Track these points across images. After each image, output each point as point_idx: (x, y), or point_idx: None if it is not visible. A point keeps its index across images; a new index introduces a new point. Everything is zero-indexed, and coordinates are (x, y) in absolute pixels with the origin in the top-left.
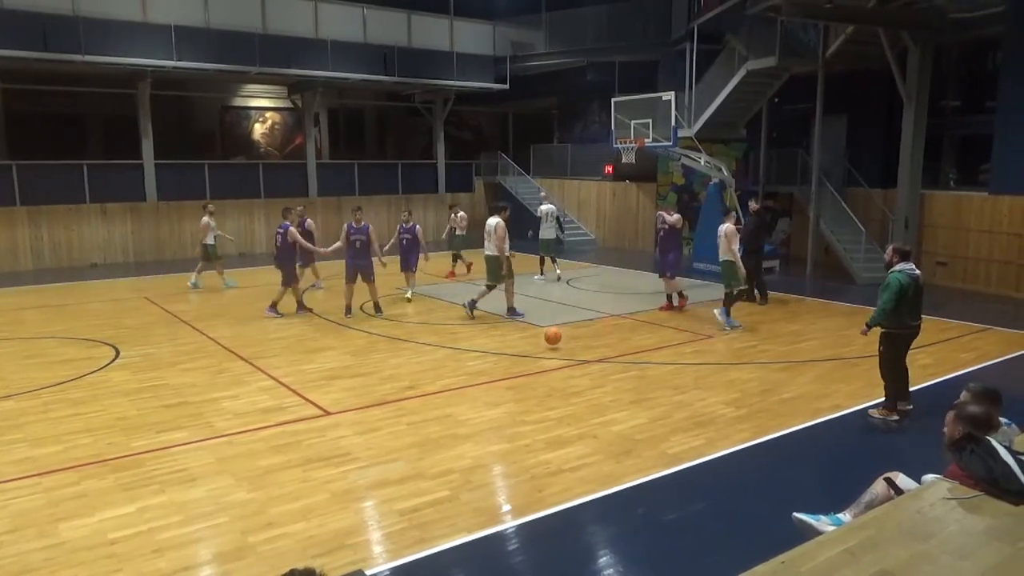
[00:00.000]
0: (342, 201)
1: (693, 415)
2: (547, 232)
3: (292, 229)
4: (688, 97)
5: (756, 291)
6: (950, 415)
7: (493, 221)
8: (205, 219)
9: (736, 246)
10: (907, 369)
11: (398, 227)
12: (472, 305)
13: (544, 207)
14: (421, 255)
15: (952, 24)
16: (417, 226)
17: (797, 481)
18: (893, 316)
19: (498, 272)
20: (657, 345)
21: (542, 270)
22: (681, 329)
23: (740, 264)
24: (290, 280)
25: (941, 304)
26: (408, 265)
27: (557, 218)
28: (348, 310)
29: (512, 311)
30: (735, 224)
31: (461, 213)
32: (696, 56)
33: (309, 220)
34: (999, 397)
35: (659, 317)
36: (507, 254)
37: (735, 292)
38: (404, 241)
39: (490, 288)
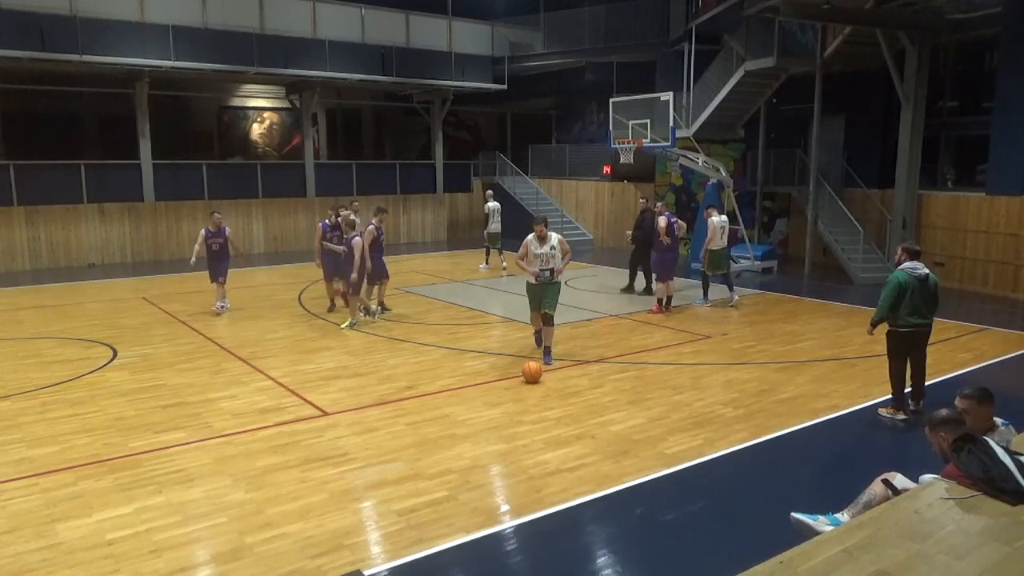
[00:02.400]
0: (340, 201)
1: (691, 415)
2: (493, 227)
3: (371, 227)
4: (686, 98)
5: (646, 282)
6: (926, 432)
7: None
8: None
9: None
10: (920, 371)
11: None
12: (546, 352)
13: (490, 204)
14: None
15: (949, 25)
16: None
17: (795, 481)
18: (894, 314)
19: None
20: (655, 345)
21: (487, 260)
22: (679, 329)
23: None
24: (375, 277)
25: (939, 305)
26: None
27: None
28: (368, 310)
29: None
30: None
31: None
32: (694, 57)
33: (228, 228)
34: (991, 397)
35: (656, 317)
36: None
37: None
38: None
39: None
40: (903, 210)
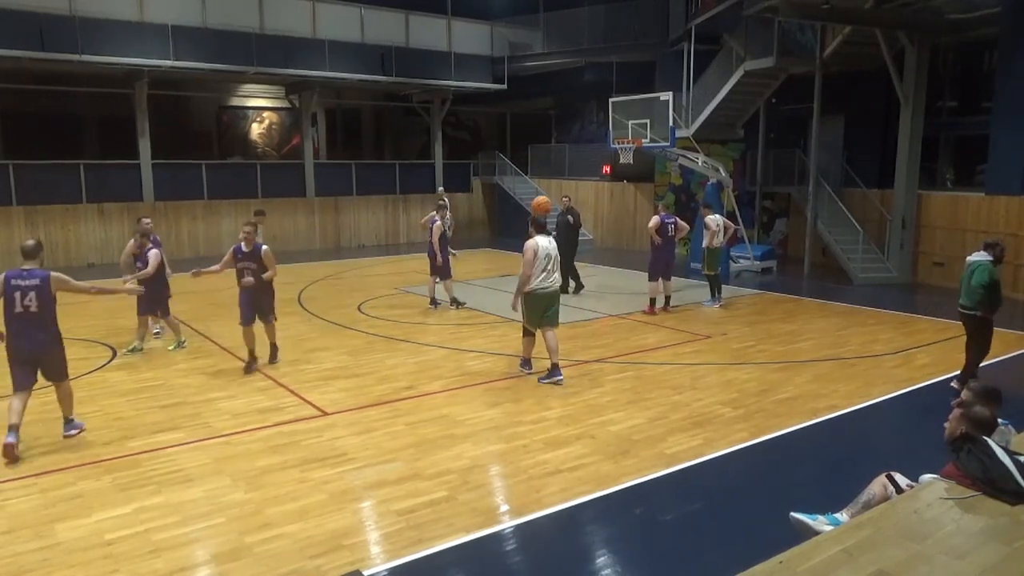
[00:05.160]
0: (339, 201)
1: (691, 415)
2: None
3: (438, 223)
4: (686, 97)
5: (572, 281)
6: (956, 413)
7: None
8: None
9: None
10: (969, 357)
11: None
12: (553, 369)
13: (444, 201)
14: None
15: (949, 25)
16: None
17: (794, 481)
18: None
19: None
20: (655, 345)
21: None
22: (678, 329)
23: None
24: (444, 273)
25: (938, 304)
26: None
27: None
28: (435, 302)
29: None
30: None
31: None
32: (694, 56)
33: (156, 237)
34: (999, 397)
35: (656, 318)
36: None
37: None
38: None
39: (526, 334)
40: (902, 210)
